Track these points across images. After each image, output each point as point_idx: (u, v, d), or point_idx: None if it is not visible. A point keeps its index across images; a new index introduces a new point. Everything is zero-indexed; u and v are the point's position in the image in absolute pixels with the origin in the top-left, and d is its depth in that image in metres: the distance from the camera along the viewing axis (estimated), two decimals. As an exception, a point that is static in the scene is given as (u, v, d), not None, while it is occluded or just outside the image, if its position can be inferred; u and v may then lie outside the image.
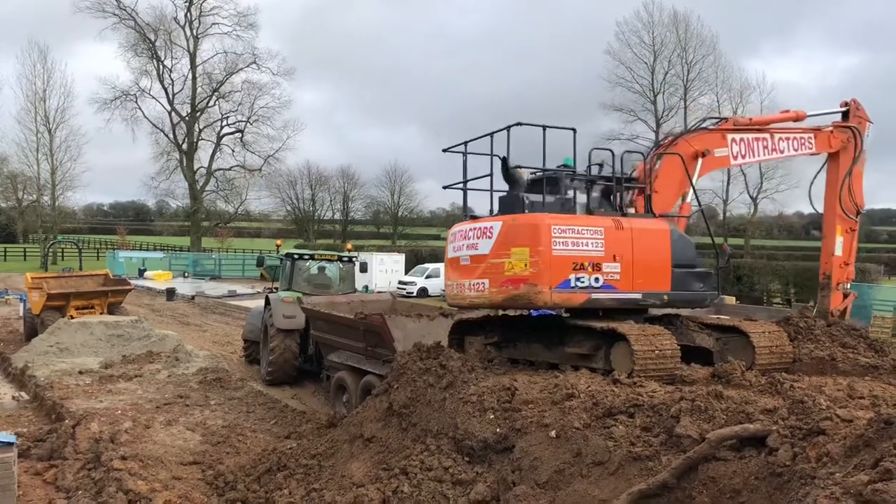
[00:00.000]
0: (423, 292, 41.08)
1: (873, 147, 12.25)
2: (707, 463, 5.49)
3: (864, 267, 37.98)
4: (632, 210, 9.68)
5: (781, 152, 11.27)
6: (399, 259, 49.10)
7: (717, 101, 62.97)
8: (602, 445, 6.27)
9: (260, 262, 22.36)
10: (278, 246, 21.20)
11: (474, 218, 9.52)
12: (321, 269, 18.61)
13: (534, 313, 10.06)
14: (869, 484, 4.12)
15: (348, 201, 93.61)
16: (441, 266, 42.10)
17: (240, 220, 79.58)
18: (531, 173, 9.66)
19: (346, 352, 13.22)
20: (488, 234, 8.87)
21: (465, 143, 9.67)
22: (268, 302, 16.78)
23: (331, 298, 16.12)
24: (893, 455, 4.29)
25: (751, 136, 10.81)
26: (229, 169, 70.86)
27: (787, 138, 11.22)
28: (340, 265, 18.46)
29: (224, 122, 70.21)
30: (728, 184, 63.05)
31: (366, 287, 28.52)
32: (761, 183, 62.87)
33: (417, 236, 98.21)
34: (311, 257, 18.52)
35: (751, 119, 11.17)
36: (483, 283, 8.86)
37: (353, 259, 18.69)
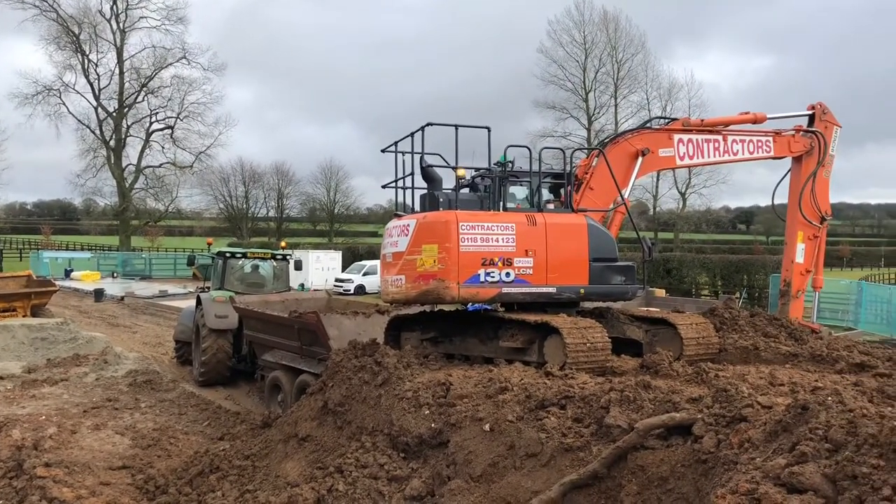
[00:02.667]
0: (360, 290, 40.80)
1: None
2: (636, 452, 5.61)
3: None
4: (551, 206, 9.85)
5: (735, 154, 11.13)
6: (336, 256, 48.68)
7: (647, 99, 64.47)
8: (534, 437, 6.36)
9: (191, 262, 21.90)
10: (209, 244, 20.78)
11: (399, 216, 9.64)
12: (254, 267, 18.34)
13: (469, 308, 10.14)
14: (786, 467, 4.27)
15: (283, 198, 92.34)
16: (378, 263, 41.83)
17: (171, 219, 77.58)
18: (474, 171, 9.79)
19: (280, 351, 13.07)
20: (406, 231, 9.06)
21: (396, 143, 9.71)
22: (199, 302, 16.47)
23: (264, 297, 15.91)
24: (809, 439, 4.46)
25: (700, 137, 10.76)
26: (159, 166, 69.14)
27: (742, 141, 11.14)
28: (274, 263, 18.22)
29: (153, 118, 68.45)
30: (658, 179, 64.56)
31: (302, 285, 28.17)
32: (689, 178, 64.61)
33: (354, 233, 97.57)
34: (244, 256, 18.23)
35: (702, 120, 11.03)
36: (400, 278, 9.07)
37: (287, 257, 18.47)
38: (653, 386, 6.57)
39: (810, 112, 11.85)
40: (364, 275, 42.47)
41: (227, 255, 17.87)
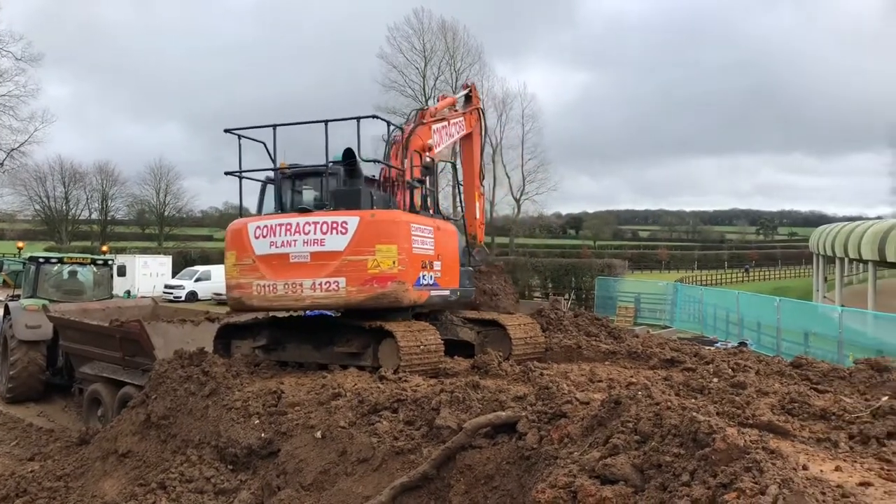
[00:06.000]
0: (192, 296, 39.12)
1: (614, 153, 13.62)
2: (464, 451, 5.74)
3: (610, 262, 41.97)
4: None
5: (453, 136, 12.28)
6: (165, 261, 46.37)
7: (484, 108, 66.19)
8: (366, 442, 6.35)
9: (-3, 267, 20.03)
10: (20, 248, 19.21)
11: (305, 211, 8.99)
12: (72, 273, 17.15)
13: (306, 314, 9.94)
14: (600, 459, 4.52)
15: (107, 200, 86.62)
16: (213, 269, 40.22)
17: (-23, 221, 70.89)
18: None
19: (100, 362, 12.35)
20: (339, 228, 8.45)
21: (274, 126, 9.10)
22: (8, 311, 15.20)
23: (83, 305, 14.89)
24: (621, 432, 4.74)
25: (439, 125, 11.64)
26: (-37, 163, 62.85)
27: (455, 123, 12.30)
28: (94, 269, 17.15)
29: (-44, 111, 62.05)
30: (494, 186, 66.63)
31: (127, 292, 26.55)
32: (524, 186, 67.19)
33: (187, 237, 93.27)
34: (60, 261, 17.06)
35: (436, 109, 12.04)
36: (338, 281, 8.42)
37: (109, 262, 17.43)
38: (482, 386, 6.76)
39: (467, 91, 13.40)
40: (196, 280, 40.75)
41: (41, 259, 16.72)
